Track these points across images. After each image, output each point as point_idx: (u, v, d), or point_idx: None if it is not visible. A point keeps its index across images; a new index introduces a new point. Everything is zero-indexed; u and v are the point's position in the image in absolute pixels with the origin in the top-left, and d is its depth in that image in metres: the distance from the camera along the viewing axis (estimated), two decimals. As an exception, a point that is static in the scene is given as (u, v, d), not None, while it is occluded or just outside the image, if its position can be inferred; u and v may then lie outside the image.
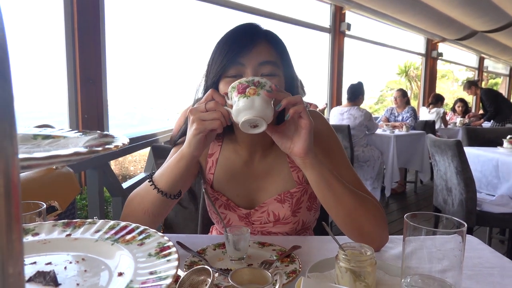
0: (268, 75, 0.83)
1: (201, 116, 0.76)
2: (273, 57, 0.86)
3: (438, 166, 2.61)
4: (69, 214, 1.00)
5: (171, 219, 1.97)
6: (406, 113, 4.80)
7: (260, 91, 0.72)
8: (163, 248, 0.44)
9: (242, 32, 0.87)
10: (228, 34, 0.88)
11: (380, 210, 0.87)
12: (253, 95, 0.72)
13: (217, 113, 0.75)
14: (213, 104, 0.76)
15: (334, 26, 5.32)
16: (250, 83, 0.73)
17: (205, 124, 0.75)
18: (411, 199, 4.59)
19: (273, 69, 0.85)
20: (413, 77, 14.66)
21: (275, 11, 4.70)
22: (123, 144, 0.33)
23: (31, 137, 0.43)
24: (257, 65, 0.83)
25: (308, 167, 0.79)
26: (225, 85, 0.83)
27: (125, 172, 5.00)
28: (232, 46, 0.84)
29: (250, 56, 0.83)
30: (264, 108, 0.72)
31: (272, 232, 0.98)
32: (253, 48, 0.83)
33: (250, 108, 0.72)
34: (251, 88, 0.73)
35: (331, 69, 5.43)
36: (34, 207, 0.61)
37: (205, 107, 0.76)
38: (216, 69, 0.85)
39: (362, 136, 3.97)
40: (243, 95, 0.73)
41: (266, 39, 0.86)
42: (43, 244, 0.48)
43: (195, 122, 0.76)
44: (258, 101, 0.72)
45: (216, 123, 0.75)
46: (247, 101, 0.72)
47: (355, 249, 0.70)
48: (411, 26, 6.58)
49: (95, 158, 1.48)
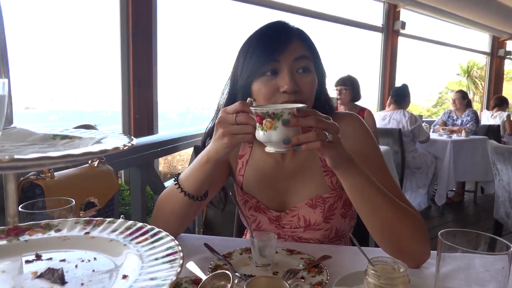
0: (303, 71, 0.84)
1: (232, 129, 0.72)
2: (306, 52, 0.86)
3: (500, 175, 2.38)
4: (108, 211, 1.05)
5: (211, 219, 2.00)
6: (466, 117, 4.43)
7: (277, 124, 0.65)
8: (171, 253, 0.43)
9: (274, 29, 0.86)
10: (258, 32, 0.87)
11: (421, 223, 0.79)
12: (269, 130, 0.66)
13: (249, 127, 0.70)
14: (244, 118, 0.71)
15: (387, 25, 5.09)
16: (265, 115, 0.66)
17: (237, 138, 0.73)
18: (469, 209, 4.24)
19: (307, 63, 0.85)
20: (477, 77, 13.57)
21: (323, 11, 4.61)
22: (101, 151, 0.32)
23: (50, 137, 0.44)
24: (292, 60, 0.83)
25: (340, 176, 0.74)
26: (260, 85, 0.83)
27: (174, 171, 5.20)
28: (266, 44, 0.84)
29: (285, 52, 0.83)
30: (282, 140, 0.66)
31: (303, 237, 0.94)
32: (288, 44, 0.83)
33: (268, 142, 0.67)
34: (267, 120, 0.66)
35: (383, 70, 5.20)
36: (64, 203, 0.64)
37: (235, 120, 0.72)
38: (250, 68, 0.84)
39: (409, 141, 3.70)
40: (261, 126, 0.67)
41: (297, 36, 0.86)
42: (62, 241, 0.49)
43: (226, 136, 0.72)
44: (275, 136, 0.66)
45: (248, 137, 0.72)
46: (264, 135, 0.67)
47: (387, 264, 0.64)
48: (474, 23, 6.10)
49: (138, 157, 1.54)
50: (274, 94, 0.83)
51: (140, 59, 3.04)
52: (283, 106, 0.70)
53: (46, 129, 0.46)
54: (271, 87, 0.83)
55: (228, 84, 0.93)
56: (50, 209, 0.63)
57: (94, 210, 0.99)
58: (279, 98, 0.83)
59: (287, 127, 0.65)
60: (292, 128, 0.66)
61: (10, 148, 0.36)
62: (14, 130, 0.43)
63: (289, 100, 0.82)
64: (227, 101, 0.92)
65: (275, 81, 0.83)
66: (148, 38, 3.07)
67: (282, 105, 0.73)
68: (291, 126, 0.64)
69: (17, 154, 0.28)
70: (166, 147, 1.78)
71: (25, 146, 0.39)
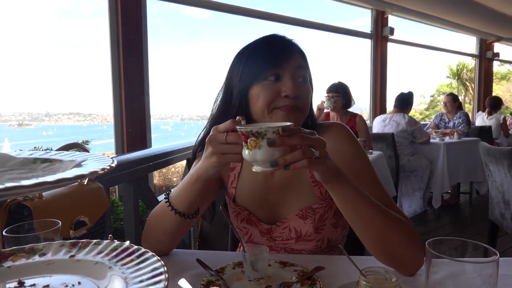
0: (302, 81, 0.87)
1: (222, 149, 0.70)
2: (304, 62, 0.90)
3: (493, 176, 2.39)
4: (99, 228, 1.03)
5: (206, 232, 1.98)
6: (458, 119, 4.47)
7: (261, 143, 0.64)
8: (156, 275, 0.42)
9: (277, 39, 0.90)
10: (257, 43, 0.89)
11: (413, 231, 0.79)
12: (254, 149, 0.65)
13: (239, 147, 0.68)
14: (234, 138, 0.69)
15: (376, 31, 5.15)
16: (249, 133, 0.65)
17: (226, 158, 0.71)
18: (465, 211, 4.25)
19: (306, 74, 0.89)
20: (467, 79, 13.73)
21: (312, 20, 4.66)
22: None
23: (31, 161, 0.44)
24: (294, 68, 0.86)
25: (330, 189, 0.74)
26: (260, 88, 0.84)
27: (169, 183, 5.16)
28: (271, 49, 0.87)
29: (288, 60, 0.85)
30: (267, 160, 0.64)
31: (295, 249, 0.93)
32: (291, 53, 0.87)
33: (253, 161, 0.66)
34: (251, 139, 0.65)
35: (374, 76, 5.25)
36: (50, 225, 0.63)
37: (226, 139, 0.70)
38: (253, 72, 0.85)
39: (407, 144, 3.74)
40: (246, 145, 0.66)
41: (297, 48, 0.90)
42: (47, 265, 0.48)
43: (214, 155, 0.71)
44: (260, 155, 0.64)
45: (237, 158, 0.70)
46: (250, 154, 0.66)
47: (379, 274, 0.64)
48: (461, 26, 6.20)
49: (130, 173, 1.53)
50: (275, 98, 0.84)
51: (132, 72, 3.04)
52: (267, 124, 0.69)
53: (38, 144, 0.45)
54: (272, 90, 0.84)
55: (221, 93, 0.93)
56: (36, 232, 0.62)
57: (85, 229, 0.97)
58: (280, 102, 0.84)
59: (272, 147, 0.63)
60: (278, 148, 0.64)
61: (-13, 176, 0.36)
62: (-6, 155, 0.43)
63: (289, 105, 0.84)
64: (221, 109, 0.92)
65: (277, 86, 0.84)
66: (139, 51, 3.07)
67: (266, 124, 0.72)
68: (276, 146, 0.63)
69: (-10, 184, 0.27)
70: (158, 161, 1.77)
71: (3, 172, 0.38)
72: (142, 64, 3.09)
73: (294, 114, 0.84)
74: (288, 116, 0.84)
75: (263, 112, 0.85)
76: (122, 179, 1.52)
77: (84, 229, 0.98)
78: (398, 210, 0.85)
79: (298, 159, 0.63)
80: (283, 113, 0.84)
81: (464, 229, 3.58)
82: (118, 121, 3.06)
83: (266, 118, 0.85)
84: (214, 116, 0.92)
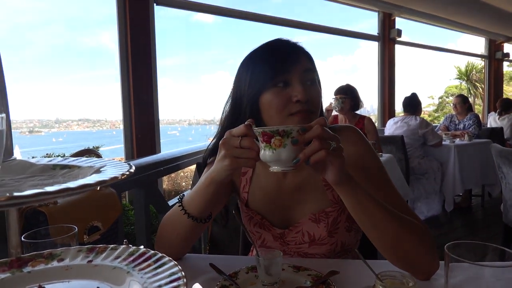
0: (311, 84, 0.87)
1: (235, 153, 0.70)
2: (312, 65, 0.89)
3: (506, 179, 2.35)
4: (112, 233, 1.04)
5: (217, 236, 1.98)
6: (468, 120, 4.42)
7: (286, 141, 0.66)
8: (174, 280, 0.42)
9: (282, 44, 0.89)
10: (263, 48, 0.89)
11: (427, 235, 0.78)
12: (279, 148, 0.67)
13: (252, 152, 0.69)
14: (248, 142, 0.69)
15: (383, 34, 5.13)
16: (275, 133, 0.67)
17: (239, 162, 0.71)
18: (477, 214, 4.18)
19: (314, 76, 0.89)
20: (476, 80, 13.57)
21: (319, 23, 4.66)
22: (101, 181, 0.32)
23: (50, 167, 0.44)
24: (302, 72, 0.85)
25: (342, 193, 0.73)
26: (271, 95, 0.84)
27: (177, 188, 5.18)
28: (276, 56, 0.86)
29: (296, 63, 0.85)
30: (291, 159, 0.67)
31: (308, 253, 0.93)
32: (297, 57, 0.86)
33: (276, 160, 0.68)
34: (276, 138, 0.67)
35: (382, 78, 5.22)
36: (67, 230, 0.64)
37: (240, 144, 0.70)
38: (261, 79, 0.85)
39: (418, 146, 3.71)
40: (268, 145, 0.67)
41: (303, 51, 0.90)
42: (65, 270, 0.49)
43: (227, 158, 0.71)
44: (285, 154, 0.66)
45: (250, 163, 0.71)
46: (273, 154, 0.67)
47: (396, 278, 0.63)
48: (469, 27, 6.15)
49: (141, 178, 1.54)
50: (287, 104, 0.84)
51: (140, 79, 3.07)
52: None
53: (49, 150, 0.46)
54: (283, 97, 0.84)
55: (230, 100, 0.93)
56: (53, 237, 0.63)
57: (98, 234, 0.98)
58: (293, 107, 0.84)
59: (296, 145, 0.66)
60: (298, 147, 0.66)
61: (10, 182, 0.36)
62: (14, 162, 0.44)
63: (302, 110, 0.84)
64: (230, 117, 0.92)
65: (287, 91, 0.84)
66: (148, 57, 3.10)
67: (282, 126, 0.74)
68: (299, 144, 0.65)
69: (16, 191, 0.28)
70: (168, 166, 1.78)
71: (24, 179, 0.39)
72: (151, 71, 3.13)
73: (308, 118, 0.84)
74: (303, 121, 0.84)
75: (278, 119, 0.85)
76: (133, 184, 1.53)
77: (97, 234, 0.99)
78: (412, 213, 0.85)
79: (316, 149, 0.64)
80: (299, 119, 0.84)
81: (477, 233, 3.52)
82: (128, 127, 3.10)
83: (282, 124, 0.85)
84: (224, 125, 0.93)
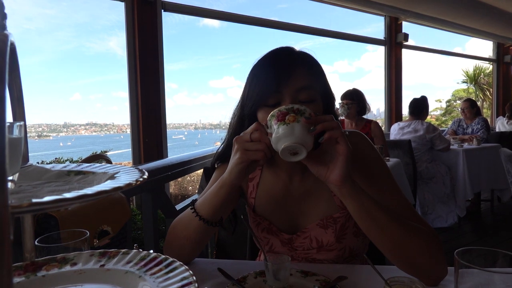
0: (305, 102, 0.82)
1: (246, 146, 0.75)
2: (310, 80, 0.84)
3: (515, 183, 2.33)
4: (121, 238, 1.05)
5: (224, 241, 1.98)
6: (477, 125, 4.38)
7: (299, 118, 0.71)
8: (185, 284, 0.43)
9: (277, 59, 0.86)
10: (262, 61, 0.87)
11: (434, 240, 0.78)
12: (292, 122, 0.71)
13: (262, 144, 0.74)
14: (258, 135, 0.75)
15: (390, 38, 5.12)
16: (289, 110, 0.72)
17: (249, 154, 0.75)
18: (487, 219, 4.13)
19: (310, 94, 0.83)
20: (484, 84, 13.44)
21: (326, 27, 4.67)
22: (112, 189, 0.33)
23: (65, 173, 0.46)
24: (294, 91, 0.82)
25: (345, 196, 0.74)
26: (264, 114, 0.83)
27: (184, 192, 5.20)
28: (268, 74, 0.83)
29: (288, 83, 0.82)
30: (304, 134, 0.70)
31: (316, 259, 0.93)
32: (290, 74, 0.82)
33: (290, 135, 0.71)
34: (290, 115, 0.72)
35: (388, 82, 5.21)
36: (79, 235, 0.65)
37: (250, 137, 0.75)
38: (254, 98, 0.85)
39: (425, 151, 3.68)
40: (283, 122, 0.72)
41: (301, 63, 0.85)
42: (78, 275, 0.50)
43: (239, 151, 0.75)
44: (298, 128, 0.71)
45: (259, 154, 0.74)
46: (286, 128, 0.71)
47: (405, 284, 0.63)
48: (477, 31, 6.11)
49: (149, 183, 1.55)
50: None
51: (148, 84, 3.10)
52: None
53: (58, 154, 0.47)
54: None
55: (238, 107, 0.94)
56: (65, 242, 0.64)
57: (108, 238, 0.99)
58: None
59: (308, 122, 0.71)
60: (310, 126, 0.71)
61: (28, 188, 0.37)
62: (30, 168, 0.45)
63: None
64: (237, 124, 0.93)
65: None
66: (155, 62, 3.14)
67: None
68: (311, 122, 0.70)
69: (34, 197, 0.29)
70: (176, 171, 1.79)
71: (41, 185, 0.40)
72: (158, 75, 3.16)
73: None
74: None
75: None
76: (141, 189, 1.54)
77: (107, 239, 1.00)
78: (419, 217, 0.85)
79: (332, 126, 0.70)
80: None
81: (486, 238, 3.48)
82: (135, 131, 3.13)
83: None
84: (232, 132, 0.93)
